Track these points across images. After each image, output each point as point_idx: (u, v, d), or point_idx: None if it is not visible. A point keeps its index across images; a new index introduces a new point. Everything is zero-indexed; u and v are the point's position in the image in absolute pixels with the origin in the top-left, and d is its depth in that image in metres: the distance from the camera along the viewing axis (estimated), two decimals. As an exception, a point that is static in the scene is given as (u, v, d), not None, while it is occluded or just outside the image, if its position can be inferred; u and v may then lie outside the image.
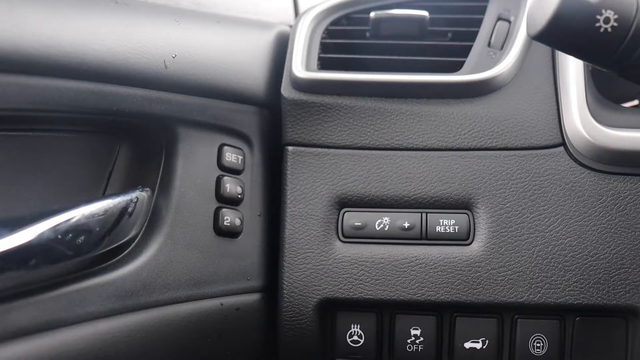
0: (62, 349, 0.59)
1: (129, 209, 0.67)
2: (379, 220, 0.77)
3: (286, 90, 0.80)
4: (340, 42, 0.85)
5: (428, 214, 0.77)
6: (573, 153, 0.76)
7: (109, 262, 0.66)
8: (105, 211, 0.63)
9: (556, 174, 0.76)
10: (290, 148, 0.80)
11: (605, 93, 0.81)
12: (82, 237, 0.61)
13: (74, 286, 0.62)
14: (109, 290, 0.64)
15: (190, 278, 0.71)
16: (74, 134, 0.68)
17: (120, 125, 0.70)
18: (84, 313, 0.62)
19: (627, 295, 0.73)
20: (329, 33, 0.86)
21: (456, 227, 0.76)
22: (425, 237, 0.77)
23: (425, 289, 0.75)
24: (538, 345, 0.75)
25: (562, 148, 0.77)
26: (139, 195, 0.68)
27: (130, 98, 0.66)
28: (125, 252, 0.68)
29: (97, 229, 0.63)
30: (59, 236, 0.59)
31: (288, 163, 0.79)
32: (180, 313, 0.70)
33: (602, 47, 0.60)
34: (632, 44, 0.59)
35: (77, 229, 0.60)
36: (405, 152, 0.78)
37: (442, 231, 0.76)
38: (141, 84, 0.67)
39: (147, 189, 0.70)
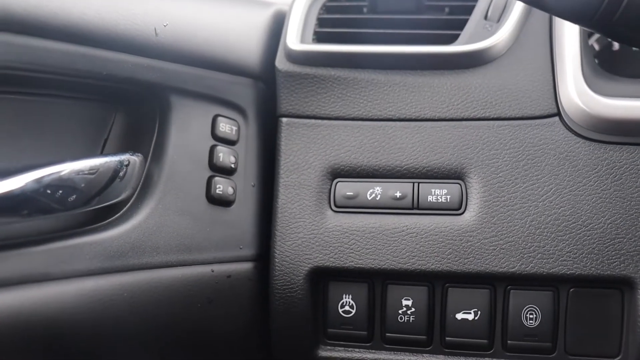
0: (45, 302, 0.61)
1: (121, 173, 0.68)
2: (371, 190, 0.77)
3: (280, 63, 0.81)
4: (337, 17, 0.86)
5: (420, 184, 0.77)
6: (568, 123, 0.75)
7: (99, 224, 0.68)
8: (95, 169, 0.65)
9: (550, 143, 0.75)
10: (284, 119, 0.81)
11: (620, 70, 0.80)
12: (73, 191, 0.63)
13: (61, 243, 0.64)
14: (97, 250, 0.66)
15: (181, 243, 0.72)
16: (70, 100, 0.71)
17: (115, 93, 0.72)
18: (71, 270, 0.63)
19: (622, 265, 0.72)
20: (326, 9, 0.87)
21: (448, 197, 0.76)
22: (417, 206, 0.76)
23: (416, 258, 0.75)
24: (531, 316, 0.74)
25: (557, 118, 0.76)
26: (130, 159, 0.69)
27: (121, 63, 0.68)
28: (116, 216, 0.70)
29: (88, 185, 0.64)
30: (49, 188, 0.60)
31: (282, 134, 0.80)
32: (169, 277, 0.71)
33: (583, 4, 0.59)
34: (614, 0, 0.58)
35: (68, 183, 0.62)
36: (398, 123, 0.79)
37: (433, 201, 0.76)
38: (130, 50, 0.68)
39: (139, 154, 0.71)
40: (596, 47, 0.99)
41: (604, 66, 0.84)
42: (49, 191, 0.60)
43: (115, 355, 0.68)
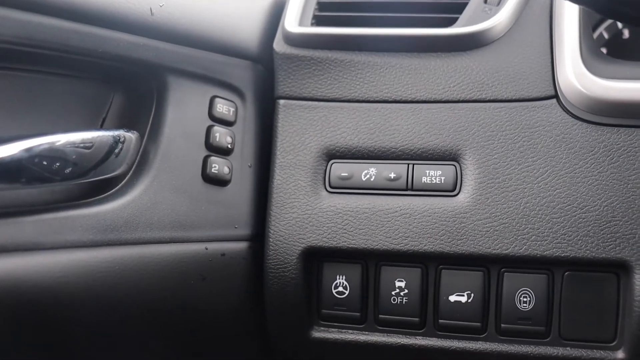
0: (36, 271, 0.62)
1: (116, 149, 0.69)
2: (365, 171, 0.78)
3: (278, 45, 0.82)
4: (337, 1, 0.86)
5: (415, 165, 0.77)
6: (565, 105, 0.74)
7: (94, 199, 0.69)
8: (90, 143, 0.66)
9: (547, 125, 0.74)
10: (281, 101, 0.81)
11: (630, 58, 0.79)
12: (67, 163, 0.64)
13: (54, 214, 0.65)
14: (89, 223, 0.67)
15: (175, 220, 0.73)
16: (68, 78, 0.72)
17: (112, 72, 0.73)
18: (63, 240, 0.64)
19: (618, 248, 0.70)
20: (327, -7, 0.88)
21: (442, 178, 0.76)
22: (411, 187, 0.76)
23: (409, 239, 0.75)
24: (525, 300, 0.73)
25: (554, 100, 0.75)
26: (126, 135, 0.70)
27: (116, 42, 0.69)
28: (110, 192, 0.71)
29: (83, 158, 0.66)
30: (43, 157, 0.62)
31: (279, 116, 0.81)
32: (162, 253, 0.72)
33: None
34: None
35: (62, 154, 0.63)
36: (393, 105, 0.79)
37: (428, 182, 0.76)
38: (125, 28, 0.69)
39: (134, 131, 0.72)
40: (605, 35, 0.98)
41: (614, 55, 0.83)
42: (43, 161, 0.62)
43: (107, 327, 0.69)
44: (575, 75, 0.74)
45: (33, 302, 0.62)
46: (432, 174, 0.76)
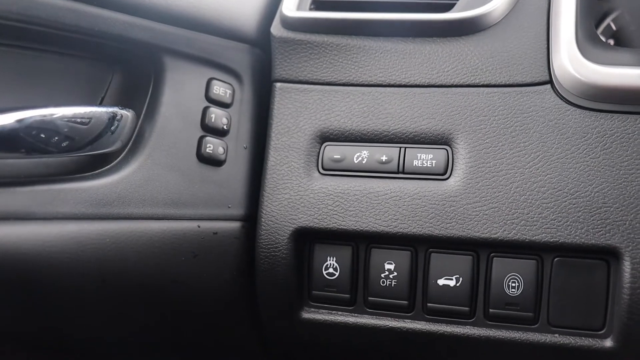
0: (27, 239, 0.64)
1: (112, 125, 0.71)
2: (358, 154, 0.78)
3: (276, 29, 0.83)
4: (337, -14, 0.87)
5: (407, 149, 0.77)
6: (559, 90, 0.74)
7: (88, 174, 0.71)
8: (86, 118, 0.68)
9: (540, 111, 0.74)
10: (278, 84, 0.82)
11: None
12: (61, 135, 0.66)
13: (48, 186, 0.67)
14: (82, 196, 0.68)
15: (168, 198, 0.74)
16: (69, 57, 0.74)
17: (111, 52, 0.75)
18: (54, 212, 0.66)
19: (607, 235, 0.70)
20: (327, -22, 0.88)
21: (434, 162, 0.76)
22: (402, 170, 0.77)
23: (398, 221, 0.75)
24: (513, 285, 0.73)
25: (548, 86, 0.75)
26: (123, 113, 0.72)
27: (112, 21, 0.71)
28: (105, 168, 0.72)
29: (78, 132, 0.67)
30: (39, 129, 0.64)
31: (275, 99, 0.82)
32: (154, 228, 0.73)
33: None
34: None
35: (54, 126, 0.65)
36: (387, 89, 0.79)
37: (419, 165, 0.76)
38: (121, 8, 0.71)
39: (130, 109, 0.73)
40: (613, 26, 0.97)
41: (623, 46, 0.82)
42: (41, 133, 0.64)
43: (96, 299, 0.71)
44: (570, 60, 0.73)
45: (22, 269, 0.64)
46: (424, 158, 0.76)
